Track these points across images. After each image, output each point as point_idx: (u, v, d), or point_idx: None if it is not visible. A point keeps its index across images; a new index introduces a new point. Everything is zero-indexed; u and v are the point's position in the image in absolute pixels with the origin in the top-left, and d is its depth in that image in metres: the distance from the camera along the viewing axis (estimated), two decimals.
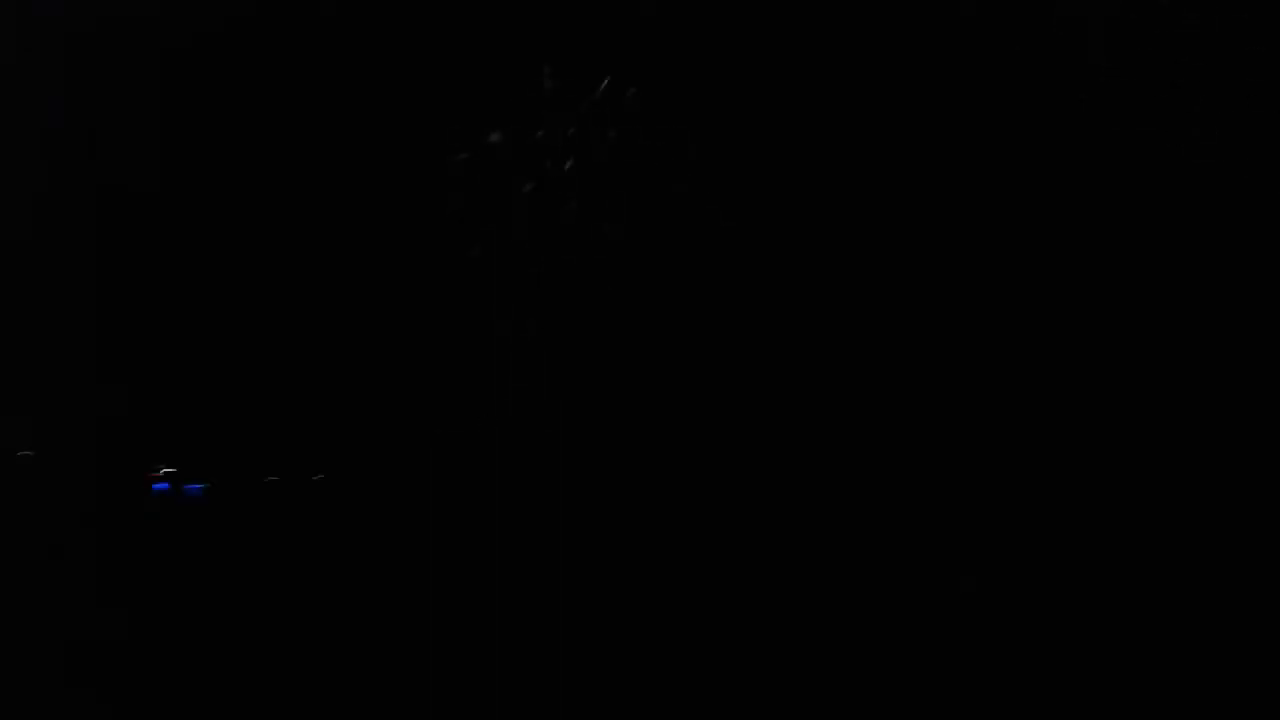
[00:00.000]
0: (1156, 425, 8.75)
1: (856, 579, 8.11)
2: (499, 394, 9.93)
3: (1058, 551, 8.22)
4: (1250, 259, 8.60)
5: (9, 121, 8.64)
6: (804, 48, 9.48)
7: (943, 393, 9.58)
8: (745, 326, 10.00)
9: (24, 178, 9.30)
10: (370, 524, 9.40)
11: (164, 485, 10.54)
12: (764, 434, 9.91)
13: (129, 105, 9.61)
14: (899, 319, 9.87)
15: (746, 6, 9.71)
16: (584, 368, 9.91)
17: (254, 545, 8.68)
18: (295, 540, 9.11)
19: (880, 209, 9.92)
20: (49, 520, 9.08)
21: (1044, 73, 9.27)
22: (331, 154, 10.01)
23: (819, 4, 9.42)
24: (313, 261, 10.18)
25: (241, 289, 10.39)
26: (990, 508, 9.19)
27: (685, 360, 10.09)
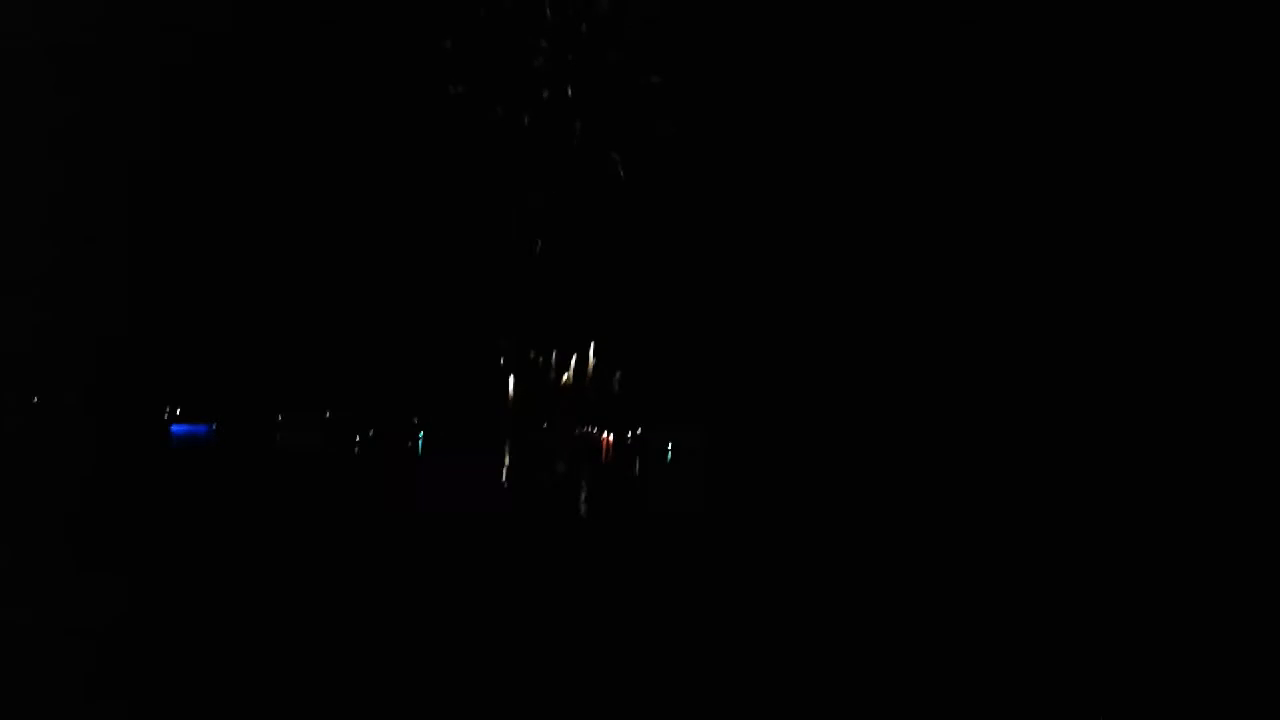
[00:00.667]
0: (1155, 422, 8.71)
1: (855, 571, 8.09)
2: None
3: (1058, 550, 8.20)
4: (1250, 259, 8.57)
5: (18, 119, 8.56)
6: (805, 48, 9.40)
7: (940, 388, 9.52)
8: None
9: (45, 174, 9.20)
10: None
11: (183, 428, 10.41)
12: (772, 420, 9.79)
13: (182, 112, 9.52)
14: (901, 319, 9.77)
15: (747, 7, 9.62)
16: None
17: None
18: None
19: (878, 204, 9.82)
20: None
21: (1044, 72, 9.23)
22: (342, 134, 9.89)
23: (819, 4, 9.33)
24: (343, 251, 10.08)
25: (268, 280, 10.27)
26: (990, 506, 9.16)
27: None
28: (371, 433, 10.78)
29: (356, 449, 10.64)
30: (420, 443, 10.59)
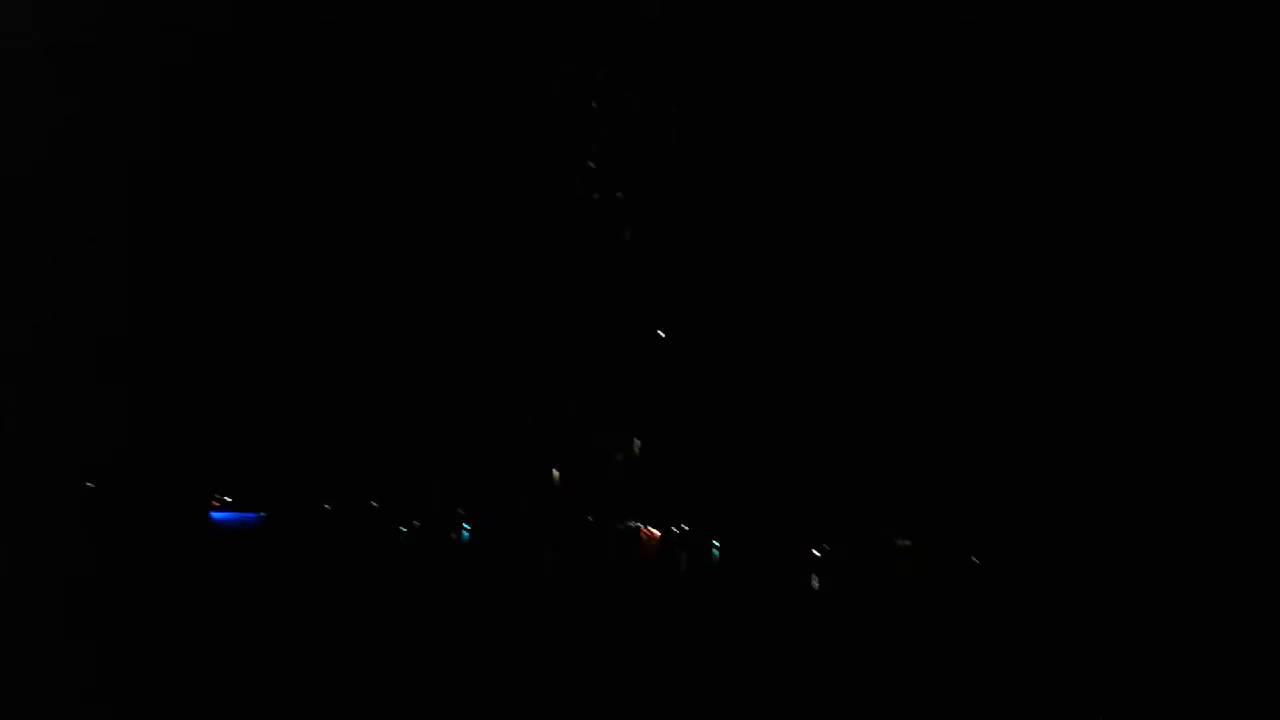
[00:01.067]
0: (1155, 422, 8.71)
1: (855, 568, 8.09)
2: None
3: (1056, 548, 8.20)
4: (1249, 259, 8.57)
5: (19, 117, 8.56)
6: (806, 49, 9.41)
7: (940, 387, 9.52)
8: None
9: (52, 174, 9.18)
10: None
11: (225, 515, 10.49)
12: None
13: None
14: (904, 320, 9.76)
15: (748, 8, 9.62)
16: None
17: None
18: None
19: (881, 206, 9.82)
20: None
21: (1044, 73, 9.23)
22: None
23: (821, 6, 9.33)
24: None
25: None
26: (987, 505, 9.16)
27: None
28: (416, 524, 10.82)
29: (402, 538, 10.69)
30: (466, 534, 10.64)
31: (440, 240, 10.25)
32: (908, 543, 9.47)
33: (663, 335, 9.98)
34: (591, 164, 10.21)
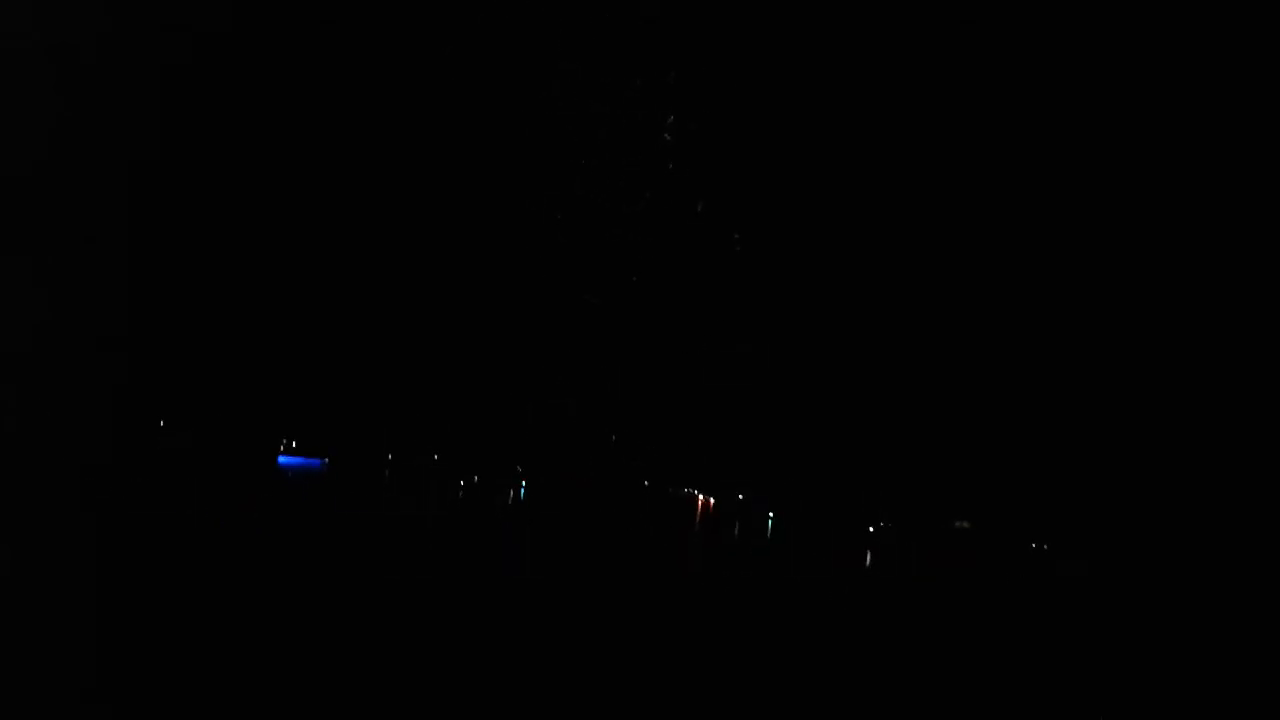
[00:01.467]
0: (1156, 423, 8.72)
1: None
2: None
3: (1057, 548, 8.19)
4: (1249, 259, 8.58)
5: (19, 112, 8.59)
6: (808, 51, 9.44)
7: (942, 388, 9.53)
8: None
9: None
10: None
11: (290, 459, 10.57)
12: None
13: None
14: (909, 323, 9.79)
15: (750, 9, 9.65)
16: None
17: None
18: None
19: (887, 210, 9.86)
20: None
21: (1044, 74, 9.24)
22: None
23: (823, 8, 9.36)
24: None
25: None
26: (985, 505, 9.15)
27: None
28: (476, 478, 10.86)
29: (461, 493, 10.74)
30: (523, 491, 10.68)
31: (440, 240, 10.25)
32: (966, 524, 9.43)
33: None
34: (592, 164, 10.21)
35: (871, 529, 9.79)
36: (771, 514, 10.19)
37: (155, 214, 9.94)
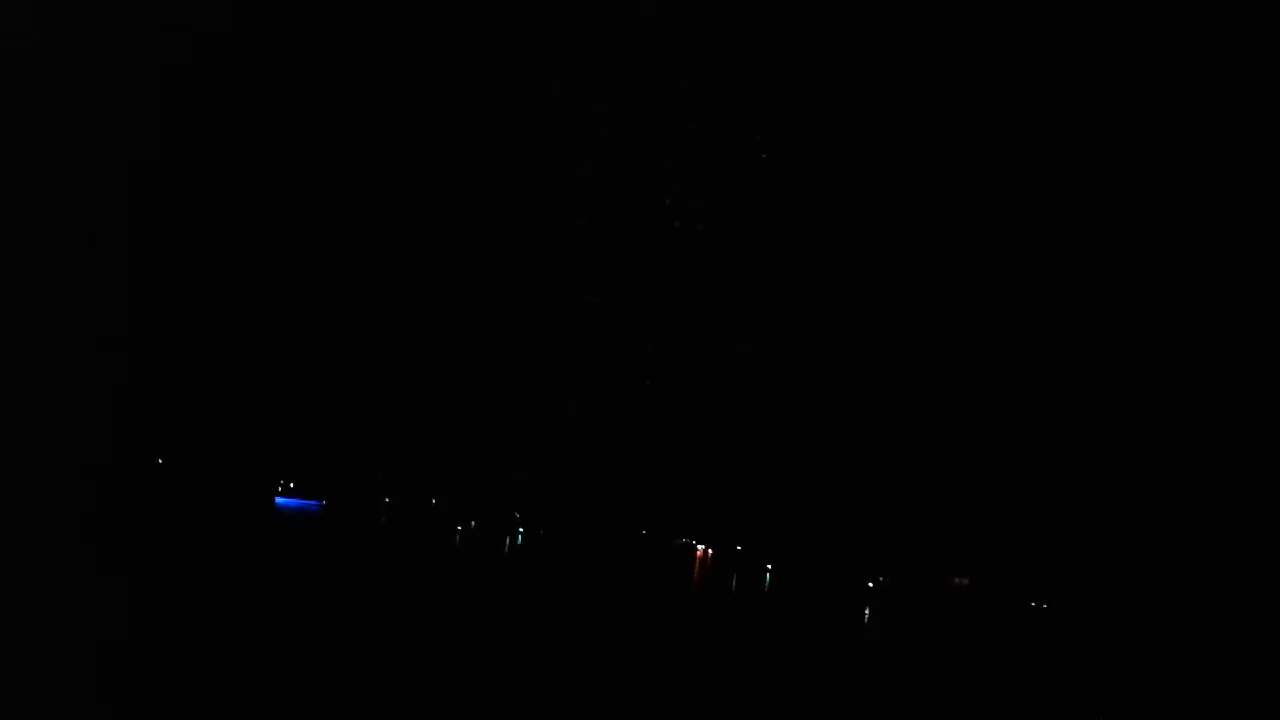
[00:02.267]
0: (1156, 424, 8.70)
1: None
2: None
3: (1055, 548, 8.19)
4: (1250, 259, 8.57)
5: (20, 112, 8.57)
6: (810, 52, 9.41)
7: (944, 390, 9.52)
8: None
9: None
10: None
11: (286, 500, 10.57)
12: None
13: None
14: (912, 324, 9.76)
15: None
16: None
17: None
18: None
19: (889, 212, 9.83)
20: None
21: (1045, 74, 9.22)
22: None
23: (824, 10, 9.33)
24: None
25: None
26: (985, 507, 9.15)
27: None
28: (473, 524, 10.79)
29: (458, 538, 10.67)
30: (520, 537, 10.60)
31: (440, 240, 10.24)
32: (965, 581, 9.36)
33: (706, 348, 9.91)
34: (591, 165, 10.21)
35: (871, 584, 9.71)
36: (770, 566, 10.06)
37: (155, 214, 9.95)
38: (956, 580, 9.48)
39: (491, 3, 10.16)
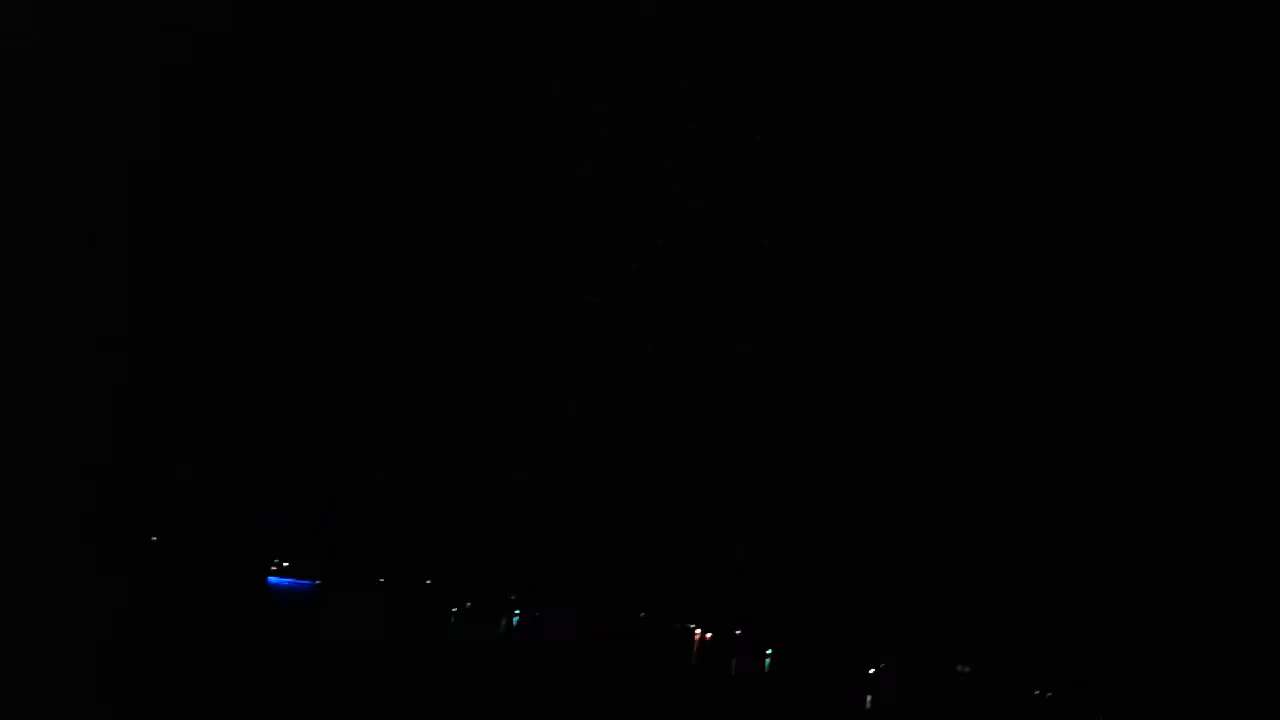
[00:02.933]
0: (1156, 424, 8.71)
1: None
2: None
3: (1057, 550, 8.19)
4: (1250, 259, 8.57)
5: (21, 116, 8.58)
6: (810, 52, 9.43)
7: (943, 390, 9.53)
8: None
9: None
10: None
11: (281, 580, 10.57)
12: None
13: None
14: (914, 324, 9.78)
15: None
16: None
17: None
18: None
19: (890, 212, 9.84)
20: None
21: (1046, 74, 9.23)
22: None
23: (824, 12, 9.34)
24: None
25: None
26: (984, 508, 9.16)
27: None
28: (468, 605, 10.71)
29: (451, 623, 10.58)
30: (515, 621, 10.51)
31: (439, 240, 10.24)
32: (967, 669, 9.31)
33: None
34: (592, 165, 10.21)
35: (871, 670, 9.65)
36: (770, 651, 9.98)
37: (155, 214, 9.96)
38: (959, 668, 9.46)
39: (491, 3, 10.16)
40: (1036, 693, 8.98)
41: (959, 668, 9.44)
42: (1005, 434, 9.36)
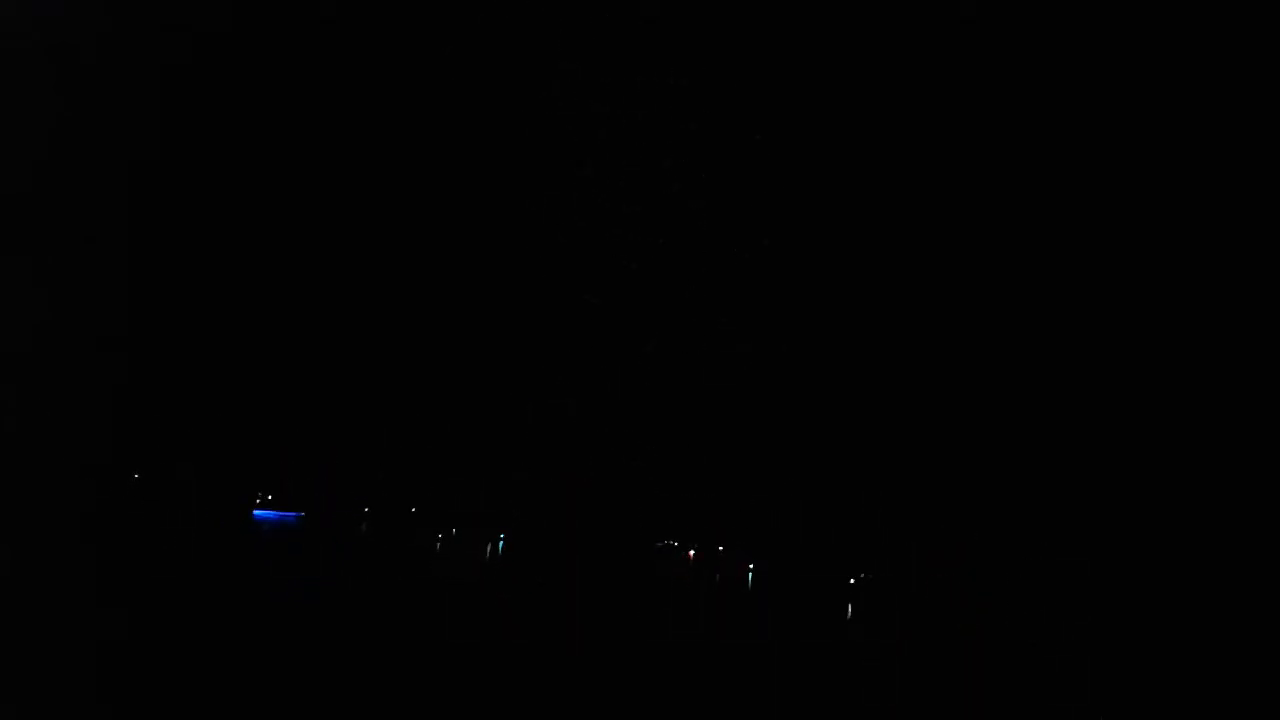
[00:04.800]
0: (1157, 425, 8.70)
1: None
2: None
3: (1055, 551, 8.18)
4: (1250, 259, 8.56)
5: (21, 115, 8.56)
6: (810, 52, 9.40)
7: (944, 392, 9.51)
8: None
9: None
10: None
11: (266, 513, 10.54)
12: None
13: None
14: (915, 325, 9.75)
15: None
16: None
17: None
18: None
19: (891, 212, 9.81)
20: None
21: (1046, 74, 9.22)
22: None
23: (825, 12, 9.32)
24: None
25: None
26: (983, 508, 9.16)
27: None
28: (454, 530, 10.71)
29: (439, 545, 10.58)
30: (501, 545, 10.52)
31: (439, 240, 10.24)
32: (949, 577, 9.32)
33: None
34: (592, 165, 10.20)
35: (852, 580, 9.70)
36: (752, 566, 10.03)
37: (155, 214, 9.95)
38: (940, 576, 9.47)
39: (491, 3, 10.16)
40: (1015, 601, 9.01)
41: (940, 576, 9.49)
42: (1006, 440, 9.39)
